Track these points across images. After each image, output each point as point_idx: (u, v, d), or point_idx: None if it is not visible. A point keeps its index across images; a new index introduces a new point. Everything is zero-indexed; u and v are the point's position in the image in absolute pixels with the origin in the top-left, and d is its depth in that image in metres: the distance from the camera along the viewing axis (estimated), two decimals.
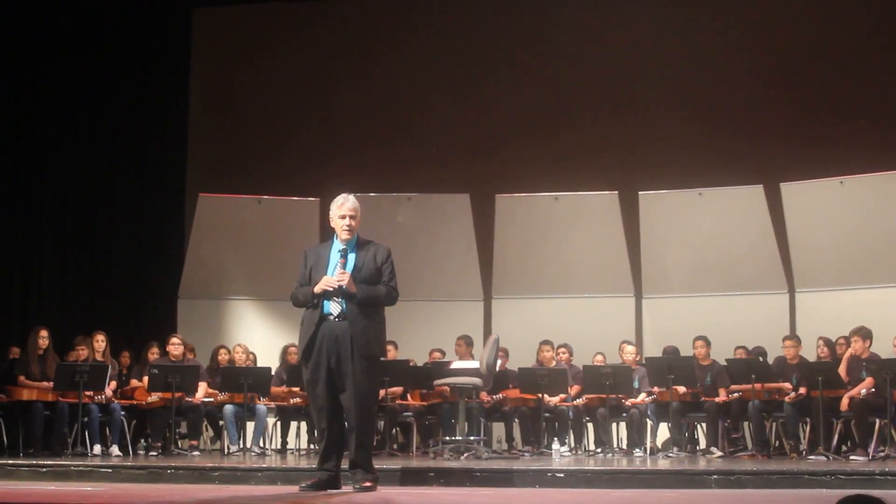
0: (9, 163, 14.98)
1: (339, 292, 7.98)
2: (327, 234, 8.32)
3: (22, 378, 12.25)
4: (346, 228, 8.14)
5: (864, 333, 12.04)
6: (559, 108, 16.56)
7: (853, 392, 11.66)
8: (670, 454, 12.38)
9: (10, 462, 10.41)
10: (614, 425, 13.33)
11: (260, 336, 15.28)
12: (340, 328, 7.98)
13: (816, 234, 14.71)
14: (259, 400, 13.15)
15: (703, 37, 16.32)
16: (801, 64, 15.89)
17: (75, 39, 15.73)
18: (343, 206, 8.17)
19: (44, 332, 12.51)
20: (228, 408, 12.96)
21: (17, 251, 14.97)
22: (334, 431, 8.01)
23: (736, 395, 12.48)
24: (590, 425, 13.43)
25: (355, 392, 7.87)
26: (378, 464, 8.50)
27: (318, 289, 8.00)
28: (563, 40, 16.68)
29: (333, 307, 8.03)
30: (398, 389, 13.26)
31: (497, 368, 12.50)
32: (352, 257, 8.13)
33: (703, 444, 13.07)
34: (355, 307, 7.98)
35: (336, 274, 7.98)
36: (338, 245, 8.18)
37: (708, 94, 16.20)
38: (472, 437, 12.11)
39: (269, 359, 13.98)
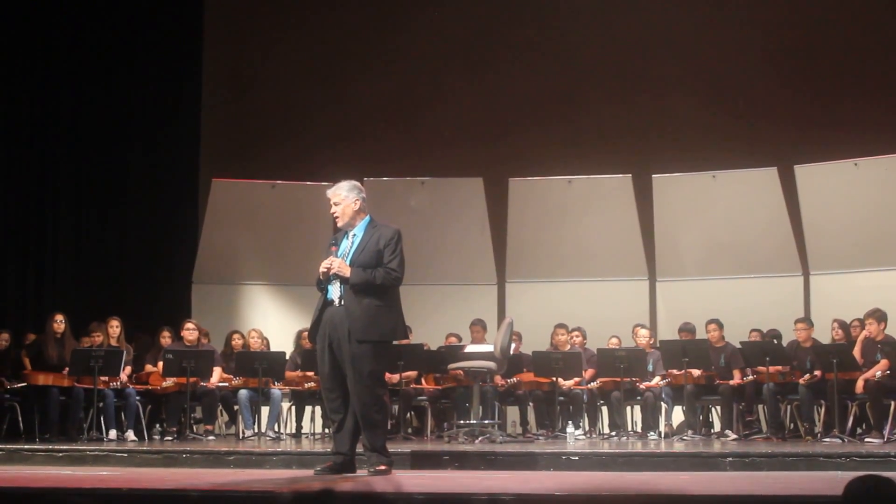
0: (23, 149, 14.98)
1: (338, 277, 7.99)
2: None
3: (29, 369, 12.28)
4: (334, 214, 8.22)
5: (879, 316, 11.99)
6: (572, 92, 16.53)
7: (868, 374, 11.63)
8: (685, 437, 12.38)
9: (26, 447, 10.47)
10: (628, 408, 13.32)
11: (274, 321, 15.29)
12: (339, 313, 8.00)
13: (831, 216, 14.66)
14: (273, 384, 13.17)
15: (716, 19, 16.27)
16: (815, 46, 15.84)
17: (87, 23, 15.69)
18: (330, 194, 8.25)
19: (59, 317, 12.54)
20: (243, 392, 12.98)
21: (31, 237, 14.99)
22: (347, 415, 8.02)
23: (750, 377, 12.47)
24: (604, 409, 13.42)
25: (355, 376, 7.89)
26: (392, 448, 8.51)
27: (321, 275, 8.04)
28: (576, 22, 16.64)
29: (334, 292, 8.06)
30: (412, 373, 13.25)
31: (511, 352, 12.49)
32: (357, 241, 8.14)
33: (717, 426, 13.05)
34: (352, 291, 7.98)
35: (328, 260, 8.01)
36: (346, 232, 8.22)
37: (722, 76, 16.16)
38: (486, 421, 12.10)
39: (283, 343, 13.99)
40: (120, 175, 16.00)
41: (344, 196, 8.18)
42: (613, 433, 12.96)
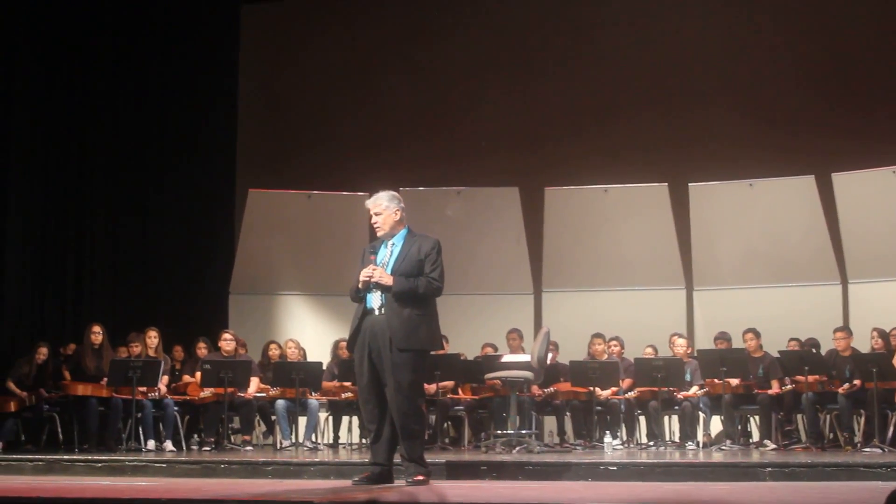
0: (61, 162, 15.07)
1: (379, 286, 7.99)
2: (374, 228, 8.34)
3: (67, 379, 12.37)
4: (376, 225, 8.22)
5: None
6: (608, 101, 16.51)
7: None
8: (723, 447, 12.32)
9: (65, 457, 10.52)
10: (666, 418, 13.29)
11: (311, 331, 15.32)
12: (380, 322, 7.99)
13: (869, 224, 14.58)
14: (311, 395, 13.19)
15: (752, 28, 16.23)
16: (852, 54, 15.78)
17: (125, 37, 15.79)
18: (370, 204, 8.25)
19: (97, 328, 12.63)
20: (280, 403, 13.00)
21: (69, 249, 15.06)
22: (384, 425, 8.02)
23: (789, 387, 12.40)
24: (642, 418, 13.39)
25: (395, 385, 7.87)
26: (430, 458, 8.50)
27: (360, 284, 8.04)
28: (612, 32, 16.62)
29: (374, 301, 8.04)
30: (449, 384, 13.25)
31: (548, 362, 12.47)
32: (396, 250, 8.14)
33: (755, 436, 12.99)
34: (393, 300, 7.97)
35: (368, 268, 8.01)
36: (384, 241, 8.22)
37: (758, 84, 16.10)
38: (523, 431, 12.08)
39: (320, 353, 14.01)
40: (157, 187, 16.10)
41: (385, 206, 8.19)
42: (651, 443, 12.92)
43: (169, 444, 12.39)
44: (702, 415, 12.99)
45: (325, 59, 17.04)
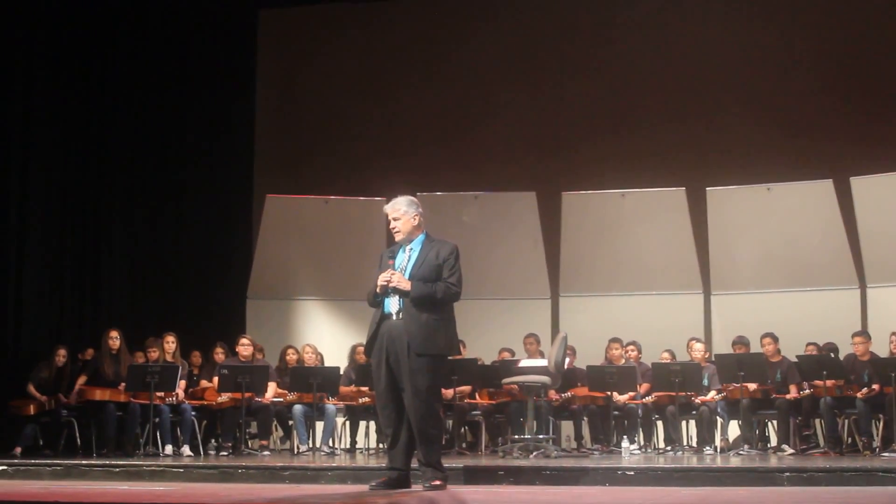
0: (78, 166, 15.10)
1: (397, 291, 7.99)
2: (392, 233, 8.35)
3: (82, 385, 12.41)
4: (395, 230, 8.21)
5: None
6: (625, 105, 16.50)
7: None
8: (741, 452, 12.28)
9: (83, 462, 10.52)
10: (684, 423, 13.24)
11: (328, 336, 15.34)
12: (397, 326, 7.98)
13: (887, 228, 14.54)
14: (328, 400, 13.20)
15: (770, 32, 16.19)
16: (869, 58, 15.74)
17: (143, 42, 15.83)
18: (388, 209, 8.25)
19: (114, 333, 12.68)
20: (298, 408, 13.02)
21: (87, 254, 15.09)
22: (401, 430, 8.02)
23: (807, 391, 12.37)
24: (659, 423, 13.37)
25: (413, 390, 7.86)
26: (447, 462, 8.49)
27: (378, 288, 8.05)
28: (630, 37, 16.60)
29: (392, 305, 8.03)
30: (466, 388, 13.25)
31: (565, 366, 12.45)
32: (414, 255, 8.14)
33: (774, 441, 12.96)
34: (411, 305, 7.97)
35: (387, 273, 8.02)
36: (402, 246, 8.23)
37: (776, 88, 16.07)
38: (540, 436, 12.07)
39: (337, 358, 14.02)
40: (174, 192, 16.12)
41: (404, 211, 8.19)
42: (669, 448, 12.90)
43: (186, 449, 12.43)
44: (719, 419, 12.96)
45: (343, 63, 17.06)
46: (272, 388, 13.14)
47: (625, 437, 12.71)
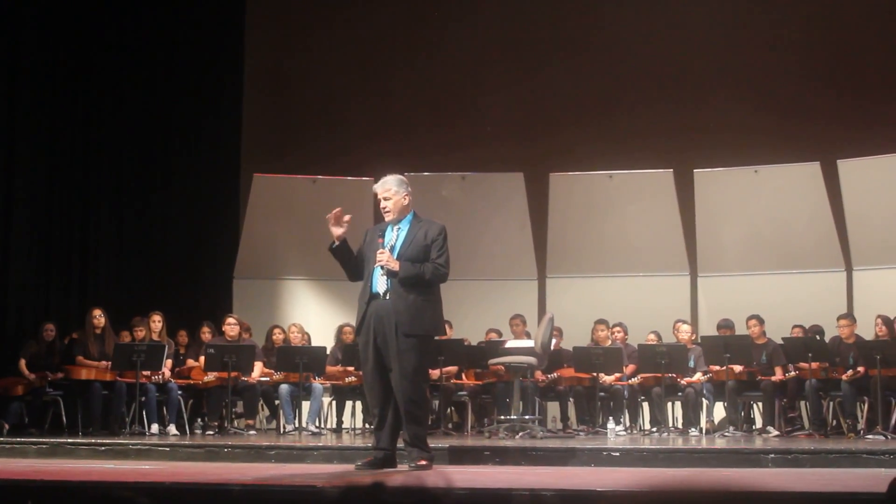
0: (65, 145, 15.03)
1: (387, 272, 7.99)
2: (382, 213, 8.34)
3: (80, 358, 12.39)
4: (385, 210, 8.22)
5: None
6: (613, 86, 16.49)
7: None
8: (726, 433, 12.32)
9: (69, 441, 10.53)
10: (669, 404, 13.28)
11: (315, 315, 15.35)
12: (385, 307, 8.00)
13: (874, 211, 14.58)
14: (314, 379, 13.20)
15: (757, 14, 16.18)
16: (858, 41, 15.75)
17: (129, 19, 15.73)
18: (378, 189, 8.25)
19: (97, 312, 12.63)
20: (284, 387, 13.01)
21: (74, 233, 15.03)
22: (388, 410, 8.03)
23: (793, 373, 12.40)
24: (645, 404, 13.40)
25: (400, 370, 7.88)
26: (433, 443, 8.51)
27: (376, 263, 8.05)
28: (617, 18, 16.58)
29: (380, 285, 8.05)
30: (453, 369, 13.26)
31: (552, 347, 12.46)
32: (402, 234, 8.15)
33: (759, 423, 12.99)
34: (399, 285, 7.98)
35: (379, 252, 8.02)
36: (390, 225, 8.22)
37: (764, 71, 16.07)
38: (526, 417, 12.10)
39: (324, 338, 14.03)
40: (162, 171, 16.05)
41: (394, 191, 8.19)
42: (654, 429, 12.93)
43: (172, 428, 12.42)
44: (705, 401, 12.99)
45: (331, 43, 17.01)
46: (258, 367, 13.13)
47: (610, 418, 12.73)
